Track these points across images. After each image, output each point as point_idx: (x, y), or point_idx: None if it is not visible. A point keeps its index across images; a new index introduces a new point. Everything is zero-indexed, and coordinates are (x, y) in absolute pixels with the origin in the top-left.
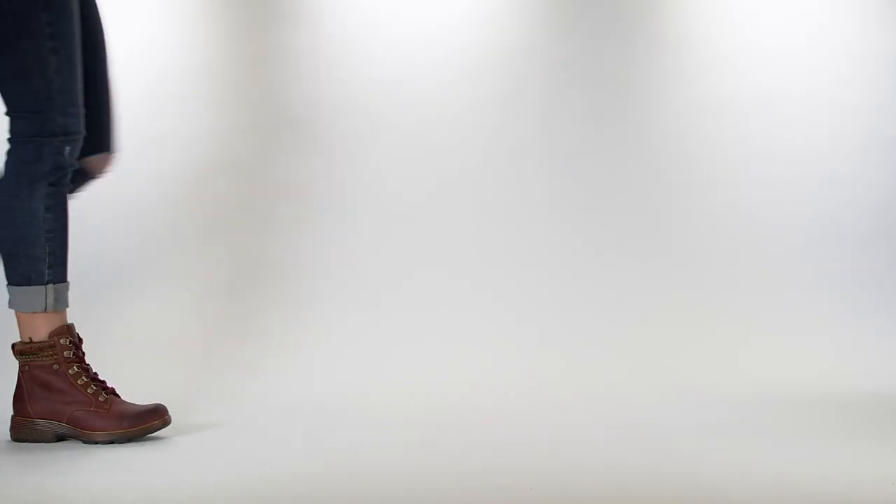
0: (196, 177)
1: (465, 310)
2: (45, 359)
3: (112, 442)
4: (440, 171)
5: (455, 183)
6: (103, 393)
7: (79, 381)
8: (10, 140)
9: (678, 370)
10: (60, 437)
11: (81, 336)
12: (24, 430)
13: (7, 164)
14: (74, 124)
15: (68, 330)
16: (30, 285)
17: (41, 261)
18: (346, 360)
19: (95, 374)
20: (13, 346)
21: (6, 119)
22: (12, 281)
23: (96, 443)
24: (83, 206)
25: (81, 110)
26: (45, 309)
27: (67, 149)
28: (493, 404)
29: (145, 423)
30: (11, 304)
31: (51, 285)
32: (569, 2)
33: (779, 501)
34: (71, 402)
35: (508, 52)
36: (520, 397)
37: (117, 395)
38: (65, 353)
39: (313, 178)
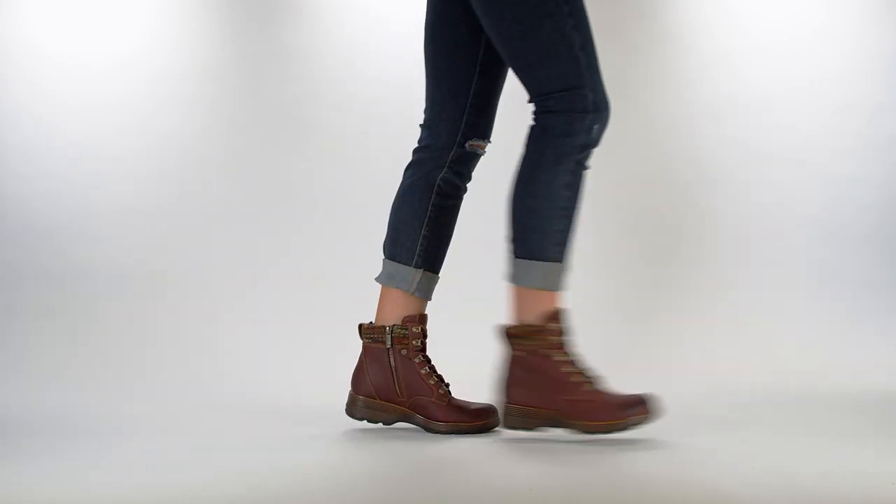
0: (196, 177)
1: (465, 309)
2: (534, 342)
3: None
4: None
5: None
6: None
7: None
8: (535, 114)
9: (677, 369)
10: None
11: (80, 335)
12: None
13: (532, 134)
14: (603, 102)
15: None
16: (532, 259)
17: (550, 236)
18: (348, 361)
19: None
20: (507, 329)
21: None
22: (518, 254)
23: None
24: (83, 205)
25: (604, 87)
26: (541, 287)
27: (596, 126)
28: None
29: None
30: (511, 278)
31: (555, 263)
32: None
33: (779, 501)
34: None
35: None
36: None
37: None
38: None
39: (313, 178)
